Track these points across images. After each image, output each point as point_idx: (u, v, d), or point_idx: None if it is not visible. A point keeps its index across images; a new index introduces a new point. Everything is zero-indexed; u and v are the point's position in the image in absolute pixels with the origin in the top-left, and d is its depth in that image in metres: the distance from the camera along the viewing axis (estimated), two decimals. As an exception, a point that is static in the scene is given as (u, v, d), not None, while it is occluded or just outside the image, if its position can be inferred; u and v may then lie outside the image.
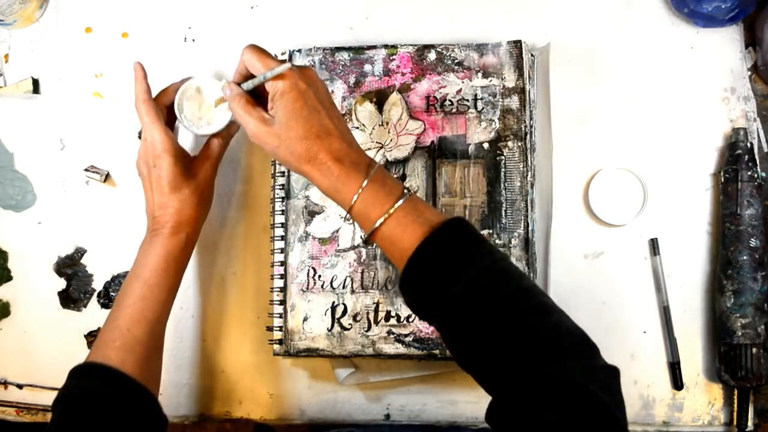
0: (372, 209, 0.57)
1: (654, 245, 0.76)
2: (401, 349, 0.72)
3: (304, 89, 0.59)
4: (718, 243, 0.76)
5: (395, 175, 0.74)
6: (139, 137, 0.79)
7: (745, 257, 0.72)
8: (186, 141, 0.80)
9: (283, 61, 0.60)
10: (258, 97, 0.62)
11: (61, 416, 0.61)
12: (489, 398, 0.52)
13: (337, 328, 0.73)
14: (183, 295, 0.80)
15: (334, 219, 0.74)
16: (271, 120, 0.59)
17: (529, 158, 0.73)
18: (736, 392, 0.74)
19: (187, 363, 0.80)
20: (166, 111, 0.70)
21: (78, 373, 0.63)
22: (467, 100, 0.74)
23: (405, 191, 0.57)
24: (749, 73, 0.78)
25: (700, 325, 0.76)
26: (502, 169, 0.73)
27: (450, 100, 0.74)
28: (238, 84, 0.63)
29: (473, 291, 0.52)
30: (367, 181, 0.57)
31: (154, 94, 0.70)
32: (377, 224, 0.56)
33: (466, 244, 0.54)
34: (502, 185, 0.73)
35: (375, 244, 0.62)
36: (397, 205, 0.56)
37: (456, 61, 0.75)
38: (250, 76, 0.62)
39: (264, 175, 0.80)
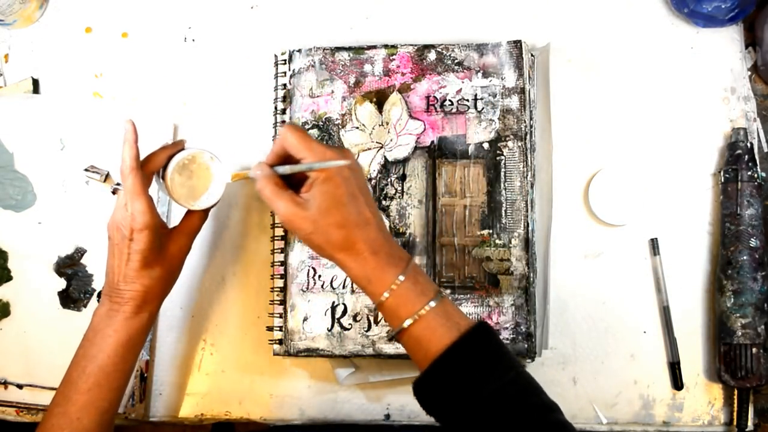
0: (402, 308, 0.56)
1: (654, 245, 0.76)
2: (401, 349, 0.71)
3: (347, 176, 0.57)
4: (718, 243, 0.76)
5: (394, 176, 0.74)
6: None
7: (745, 257, 0.72)
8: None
9: (336, 149, 0.57)
10: (284, 177, 0.59)
11: None
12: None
13: (337, 328, 0.73)
14: (183, 295, 0.81)
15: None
16: (305, 204, 0.57)
17: (529, 158, 0.73)
18: (736, 392, 0.74)
19: (187, 363, 0.80)
20: (151, 179, 0.66)
21: None
22: (467, 100, 0.74)
23: (438, 293, 0.57)
24: (749, 73, 0.78)
25: (700, 325, 0.76)
26: (502, 169, 0.73)
27: (450, 100, 0.74)
28: (271, 166, 0.59)
29: (498, 402, 0.52)
30: (403, 278, 0.56)
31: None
32: (406, 324, 0.56)
33: (492, 353, 0.55)
34: (502, 185, 0.73)
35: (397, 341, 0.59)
36: (427, 308, 0.56)
37: (456, 61, 0.75)
38: (286, 157, 0.59)
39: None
